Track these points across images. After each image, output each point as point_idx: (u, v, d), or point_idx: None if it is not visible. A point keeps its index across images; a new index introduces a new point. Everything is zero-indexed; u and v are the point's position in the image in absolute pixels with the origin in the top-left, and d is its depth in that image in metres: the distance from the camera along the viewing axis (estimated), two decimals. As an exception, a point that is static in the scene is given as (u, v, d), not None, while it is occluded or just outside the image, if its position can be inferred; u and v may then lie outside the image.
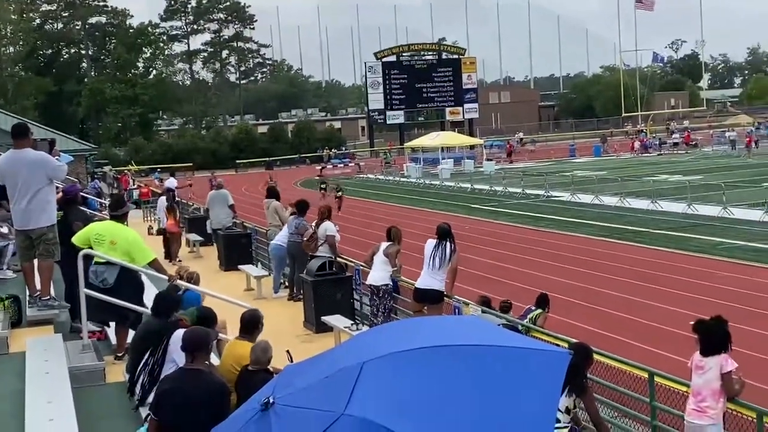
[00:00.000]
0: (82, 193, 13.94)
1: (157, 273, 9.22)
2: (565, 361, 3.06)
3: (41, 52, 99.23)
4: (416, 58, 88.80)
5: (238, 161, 76.89)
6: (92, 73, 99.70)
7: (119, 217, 9.35)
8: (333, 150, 78.91)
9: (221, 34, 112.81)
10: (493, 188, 43.86)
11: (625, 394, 8.29)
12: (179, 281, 9.48)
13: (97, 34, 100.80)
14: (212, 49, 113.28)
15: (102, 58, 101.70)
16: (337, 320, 11.80)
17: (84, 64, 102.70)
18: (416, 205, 39.94)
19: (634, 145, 68.91)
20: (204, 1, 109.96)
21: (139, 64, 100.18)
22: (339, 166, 71.34)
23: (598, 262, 22.56)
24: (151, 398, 6.29)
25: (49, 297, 9.42)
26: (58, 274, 9.96)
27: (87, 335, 8.66)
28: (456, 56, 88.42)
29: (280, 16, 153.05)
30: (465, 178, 49.71)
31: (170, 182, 31.48)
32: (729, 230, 26.31)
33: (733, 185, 33.83)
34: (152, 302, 8.10)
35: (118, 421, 7.11)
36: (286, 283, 15.55)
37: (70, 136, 51.89)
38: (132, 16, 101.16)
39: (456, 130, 79.38)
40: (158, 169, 63.49)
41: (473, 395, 2.86)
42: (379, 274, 11.69)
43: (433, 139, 64.22)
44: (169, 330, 6.92)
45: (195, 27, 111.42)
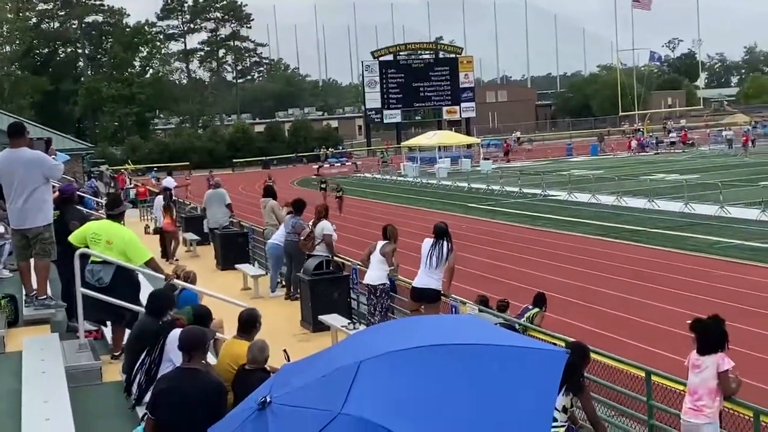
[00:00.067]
0: (78, 193, 13.94)
1: (154, 272, 9.21)
2: (562, 360, 3.06)
3: (38, 51, 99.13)
4: (413, 57, 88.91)
5: (234, 160, 76.90)
6: (89, 72, 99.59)
7: (115, 217, 9.35)
8: (330, 149, 78.87)
9: (218, 33, 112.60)
10: (490, 187, 43.88)
11: (622, 393, 8.30)
12: (176, 280, 9.48)
13: (93, 32, 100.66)
14: (209, 48, 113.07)
15: (98, 57, 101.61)
16: (334, 319, 11.79)
17: (80, 63, 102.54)
18: (413, 204, 39.95)
19: (631, 144, 68.96)
20: (200, 0, 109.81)
21: (136, 63, 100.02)
22: (336, 165, 71.27)
23: (595, 261, 22.58)
24: (148, 397, 6.28)
25: (45, 296, 9.41)
26: (55, 274, 9.96)
27: (83, 334, 8.65)
28: (453, 55, 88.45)
29: (276, 15, 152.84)
30: (462, 177, 49.75)
31: (168, 181, 31.48)
32: (726, 229, 26.35)
33: (730, 184, 33.88)
34: (146, 301, 8.09)
35: (115, 421, 7.10)
36: (283, 283, 15.55)
37: (66, 135, 51.80)
38: (128, 15, 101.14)
39: (453, 129, 79.40)
40: (155, 168, 63.58)
41: (470, 394, 2.86)
42: (376, 274, 11.68)
43: (430, 138, 64.27)
44: (166, 329, 6.92)
45: (192, 26, 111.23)
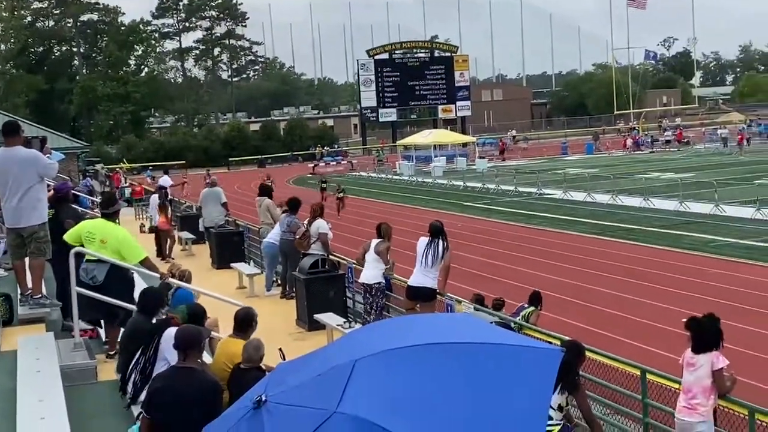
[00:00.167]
0: (73, 191, 13.91)
1: (149, 271, 9.20)
2: (558, 358, 3.06)
3: (32, 50, 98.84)
4: (409, 55, 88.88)
5: (230, 159, 76.79)
6: (84, 71, 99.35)
7: (110, 215, 9.33)
8: (325, 148, 78.83)
9: (213, 32, 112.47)
10: (485, 186, 43.91)
11: (617, 391, 8.31)
12: (171, 279, 9.47)
13: (88, 31, 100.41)
14: (204, 47, 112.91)
15: (93, 55, 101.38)
16: (329, 318, 11.79)
17: (75, 62, 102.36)
18: (409, 202, 39.95)
19: (626, 142, 69.02)
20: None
21: (131, 62, 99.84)
22: (331, 163, 71.20)
23: (590, 259, 22.61)
24: (143, 396, 6.27)
25: (40, 295, 9.39)
26: (50, 273, 9.93)
27: (78, 333, 8.64)
28: (448, 54, 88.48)
29: (272, 14, 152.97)
30: (457, 176, 49.77)
31: (164, 180, 31.45)
32: (721, 227, 26.39)
33: (725, 183, 33.93)
34: (137, 299, 8.09)
35: (110, 420, 7.09)
36: (279, 281, 15.55)
37: (61, 134, 51.83)
38: (123, 14, 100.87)
39: (448, 127, 79.42)
40: (150, 167, 63.47)
41: (466, 393, 2.86)
42: (372, 273, 11.68)
43: (426, 137, 64.28)
44: (161, 328, 6.91)
45: (187, 24, 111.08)
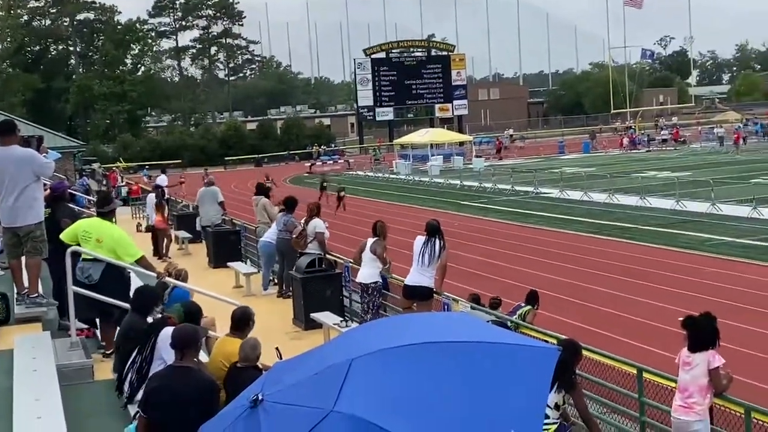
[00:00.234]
0: (70, 190, 13.91)
1: (146, 270, 9.20)
2: (554, 357, 3.06)
3: (29, 49, 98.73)
4: (405, 54, 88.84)
5: (227, 158, 76.73)
6: (80, 70, 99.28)
7: (106, 215, 9.33)
8: (322, 147, 78.79)
9: (210, 31, 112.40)
10: (482, 185, 43.90)
11: (614, 390, 8.33)
12: (168, 278, 9.47)
13: (85, 30, 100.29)
14: (201, 46, 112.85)
15: (90, 54, 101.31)
16: (326, 317, 11.80)
17: (72, 61, 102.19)
18: (405, 201, 39.93)
19: (623, 141, 69.04)
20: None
21: (128, 61, 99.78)
22: (328, 162, 71.16)
23: (587, 258, 22.62)
24: (139, 396, 6.27)
25: (37, 294, 9.38)
26: (46, 272, 9.92)
27: (75, 332, 8.63)
28: (445, 53, 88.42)
29: (268, 13, 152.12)
30: (454, 175, 49.75)
31: (161, 179, 31.46)
32: (717, 226, 26.41)
33: (722, 182, 33.94)
34: (132, 298, 8.08)
35: (107, 419, 7.08)
36: (276, 280, 15.55)
37: (58, 133, 51.75)
38: (120, 13, 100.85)
39: (445, 126, 79.43)
40: (147, 166, 63.44)
41: (462, 392, 2.86)
42: (368, 272, 11.68)
43: (423, 136, 64.24)
44: (157, 327, 6.91)
45: (183, 23, 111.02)
